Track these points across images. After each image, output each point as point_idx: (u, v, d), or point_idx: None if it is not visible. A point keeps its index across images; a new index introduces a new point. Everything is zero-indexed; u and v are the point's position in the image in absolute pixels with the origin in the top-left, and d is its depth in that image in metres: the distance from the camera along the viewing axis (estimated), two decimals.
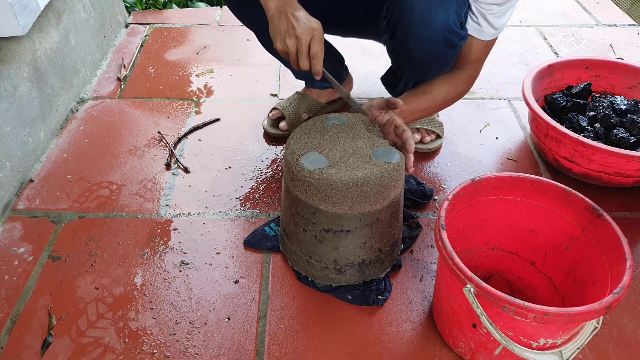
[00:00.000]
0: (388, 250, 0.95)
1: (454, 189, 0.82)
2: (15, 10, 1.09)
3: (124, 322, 0.92)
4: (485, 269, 0.98)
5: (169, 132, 1.34)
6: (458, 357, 0.86)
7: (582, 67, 1.38)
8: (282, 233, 1.01)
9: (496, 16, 1.00)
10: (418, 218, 1.11)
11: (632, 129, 1.21)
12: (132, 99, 1.47)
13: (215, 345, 0.88)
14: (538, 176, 0.86)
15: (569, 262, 0.85)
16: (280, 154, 1.29)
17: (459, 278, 0.71)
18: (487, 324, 0.70)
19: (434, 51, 0.98)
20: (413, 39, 0.96)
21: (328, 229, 0.88)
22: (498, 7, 0.98)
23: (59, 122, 1.36)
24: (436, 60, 1.01)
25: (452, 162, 1.27)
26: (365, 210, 0.86)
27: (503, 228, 0.91)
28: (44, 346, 0.88)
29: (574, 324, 0.69)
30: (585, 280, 0.81)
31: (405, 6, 0.94)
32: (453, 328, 0.83)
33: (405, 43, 0.98)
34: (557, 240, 0.87)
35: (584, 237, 0.81)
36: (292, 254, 0.98)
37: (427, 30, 0.94)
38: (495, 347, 0.77)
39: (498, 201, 0.88)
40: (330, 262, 0.93)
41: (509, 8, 1.00)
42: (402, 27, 0.96)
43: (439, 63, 1.03)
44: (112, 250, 1.04)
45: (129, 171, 1.23)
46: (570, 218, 0.83)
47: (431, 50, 0.97)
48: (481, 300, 0.70)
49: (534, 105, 1.20)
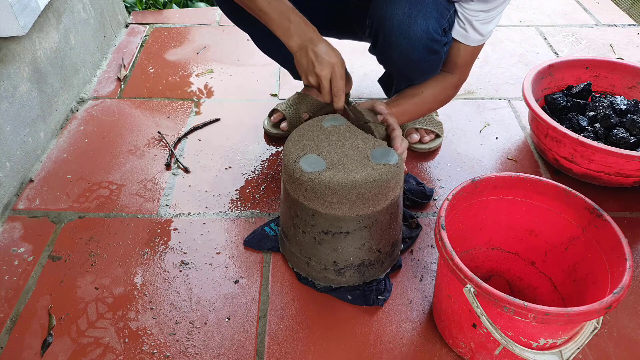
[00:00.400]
0: (388, 251, 0.95)
1: (454, 189, 0.82)
2: (15, 10, 1.09)
3: (124, 322, 0.92)
4: (486, 269, 0.98)
5: (169, 132, 1.34)
6: (458, 357, 0.86)
7: (582, 67, 1.38)
8: (281, 234, 1.01)
9: (482, 22, 1.01)
10: (418, 218, 1.11)
11: (632, 129, 1.20)
12: (132, 99, 1.47)
13: (215, 345, 0.88)
14: (538, 176, 0.86)
15: (569, 262, 0.85)
16: (280, 154, 1.29)
17: (459, 278, 0.71)
18: (487, 324, 0.70)
19: (414, 59, 0.99)
20: (393, 47, 0.98)
21: (327, 230, 0.88)
22: (484, 13, 0.99)
23: (59, 122, 1.36)
24: (418, 67, 1.02)
25: (452, 162, 1.27)
26: (363, 212, 0.86)
27: (503, 228, 0.91)
28: (44, 346, 0.88)
29: (574, 324, 0.69)
30: (586, 280, 0.81)
31: (384, 16, 0.95)
32: (453, 328, 0.83)
33: (387, 51, 1.00)
34: (557, 241, 0.87)
35: (584, 237, 0.81)
36: (292, 256, 0.98)
37: (406, 40, 0.95)
38: (495, 347, 0.77)
39: (498, 201, 0.88)
40: (330, 264, 0.93)
41: (495, 15, 1.00)
42: (382, 36, 0.98)
43: (422, 69, 1.05)
44: (112, 250, 1.04)
45: (129, 171, 1.23)
46: (571, 218, 0.83)
47: (412, 58, 0.98)
48: (481, 300, 0.70)
49: (534, 105, 1.20)
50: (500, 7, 0.99)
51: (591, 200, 0.81)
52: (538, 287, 0.93)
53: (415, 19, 0.93)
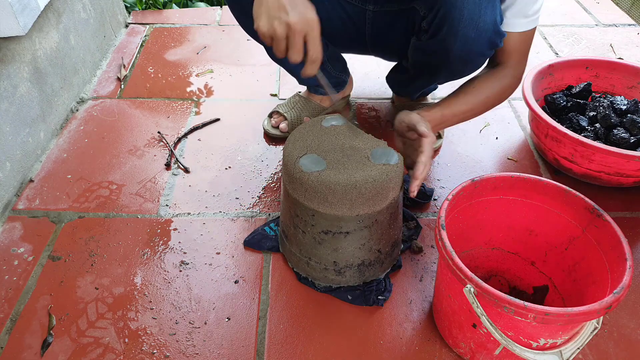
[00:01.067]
0: (388, 251, 0.95)
1: (454, 189, 0.82)
2: (15, 10, 1.09)
3: (124, 322, 0.92)
4: (485, 269, 0.97)
5: (169, 132, 1.34)
6: (458, 357, 0.86)
7: (582, 67, 1.38)
8: (281, 234, 1.01)
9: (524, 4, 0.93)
10: (418, 218, 1.11)
11: (632, 129, 1.20)
12: (132, 99, 1.47)
13: (215, 345, 0.88)
14: (538, 176, 0.86)
15: (569, 262, 0.85)
16: (280, 153, 1.29)
17: (459, 278, 0.71)
18: (487, 324, 0.70)
19: (475, 51, 0.94)
20: (459, 38, 0.92)
21: (327, 230, 0.88)
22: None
23: (59, 122, 1.36)
24: (474, 60, 0.98)
25: (452, 162, 1.27)
26: (364, 212, 0.86)
27: (503, 228, 0.91)
28: (44, 346, 0.88)
29: (574, 324, 0.69)
30: (586, 280, 0.81)
31: (454, 4, 0.89)
32: (453, 328, 0.83)
33: (448, 42, 0.94)
34: (557, 240, 0.87)
35: (584, 237, 0.81)
36: (292, 256, 0.98)
37: (474, 31, 0.90)
38: (495, 347, 0.77)
39: (498, 201, 0.88)
40: (330, 264, 0.93)
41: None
42: (447, 26, 0.91)
43: (475, 64, 1.01)
44: (112, 250, 1.04)
45: (129, 171, 1.23)
46: (571, 218, 0.83)
47: (474, 50, 0.94)
48: (481, 300, 0.70)
49: (534, 105, 1.20)
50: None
51: (591, 200, 0.81)
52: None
53: (485, 9, 0.88)
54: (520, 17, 0.95)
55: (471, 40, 0.92)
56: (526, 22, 0.96)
